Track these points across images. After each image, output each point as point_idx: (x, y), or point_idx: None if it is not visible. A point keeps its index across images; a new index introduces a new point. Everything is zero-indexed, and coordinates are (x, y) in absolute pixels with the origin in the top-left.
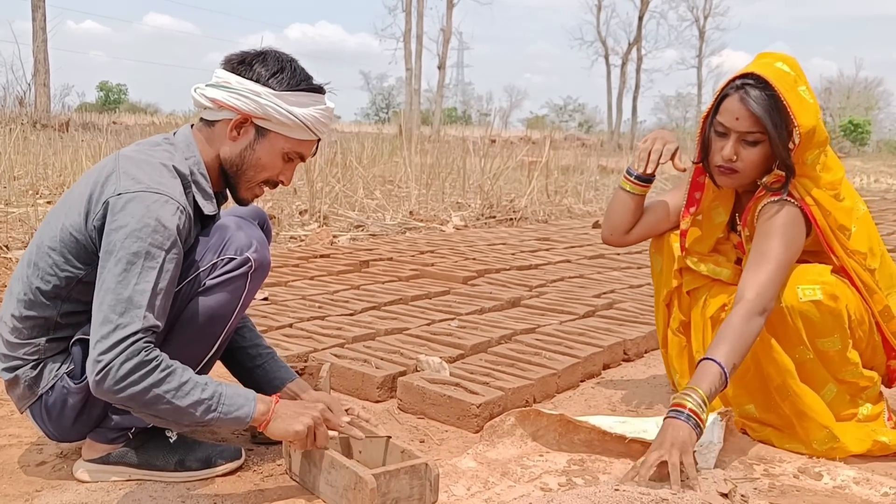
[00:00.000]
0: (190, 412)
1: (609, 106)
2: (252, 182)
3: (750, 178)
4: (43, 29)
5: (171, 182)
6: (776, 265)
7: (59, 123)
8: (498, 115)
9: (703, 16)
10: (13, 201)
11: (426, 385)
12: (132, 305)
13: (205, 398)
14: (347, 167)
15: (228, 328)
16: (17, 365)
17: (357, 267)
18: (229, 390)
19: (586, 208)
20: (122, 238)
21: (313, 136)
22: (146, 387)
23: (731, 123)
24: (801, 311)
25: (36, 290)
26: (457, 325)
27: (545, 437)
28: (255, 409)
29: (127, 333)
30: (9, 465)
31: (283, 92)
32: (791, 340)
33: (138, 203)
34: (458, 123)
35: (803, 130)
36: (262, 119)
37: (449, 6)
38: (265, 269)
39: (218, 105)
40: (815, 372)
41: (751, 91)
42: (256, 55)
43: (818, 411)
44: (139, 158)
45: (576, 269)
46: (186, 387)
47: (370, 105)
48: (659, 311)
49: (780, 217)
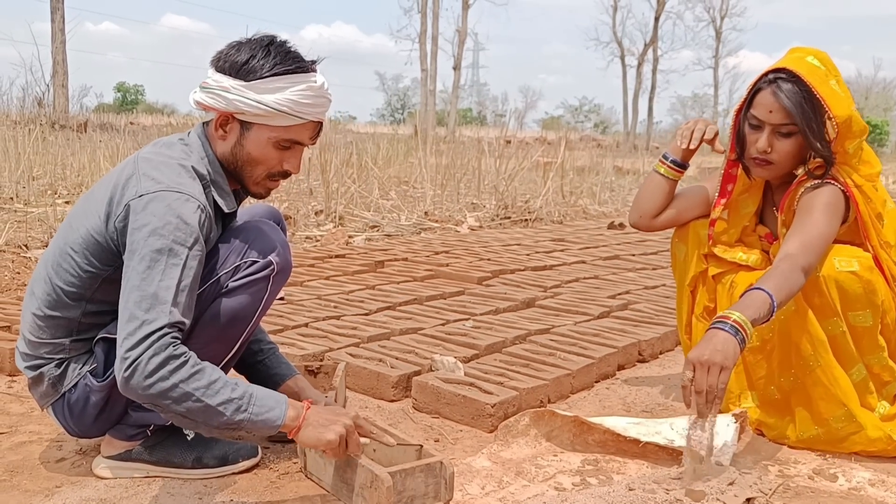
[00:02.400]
0: (220, 410)
1: (625, 107)
2: (254, 177)
3: (785, 168)
4: (62, 30)
5: (190, 182)
6: (818, 234)
7: (77, 124)
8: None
9: (720, 16)
10: (32, 201)
11: (441, 385)
12: (157, 301)
13: (235, 397)
14: (363, 168)
15: (249, 330)
16: (41, 363)
17: (372, 267)
18: (260, 392)
19: (601, 209)
20: (146, 236)
21: (298, 120)
22: (175, 383)
23: (765, 116)
24: (838, 279)
25: (59, 290)
26: (471, 325)
27: (559, 437)
28: (286, 413)
29: (153, 328)
30: (29, 461)
31: (254, 81)
32: (825, 311)
33: (159, 202)
34: (473, 124)
35: (839, 121)
36: (240, 113)
37: (464, 7)
38: (287, 272)
39: (202, 107)
40: (846, 348)
41: (783, 85)
42: (233, 47)
43: (843, 387)
44: (157, 160)
45: (591, 270)
46: (217, 385)
47: (385, 106)
48: (683, 299)
49: (823, 195)
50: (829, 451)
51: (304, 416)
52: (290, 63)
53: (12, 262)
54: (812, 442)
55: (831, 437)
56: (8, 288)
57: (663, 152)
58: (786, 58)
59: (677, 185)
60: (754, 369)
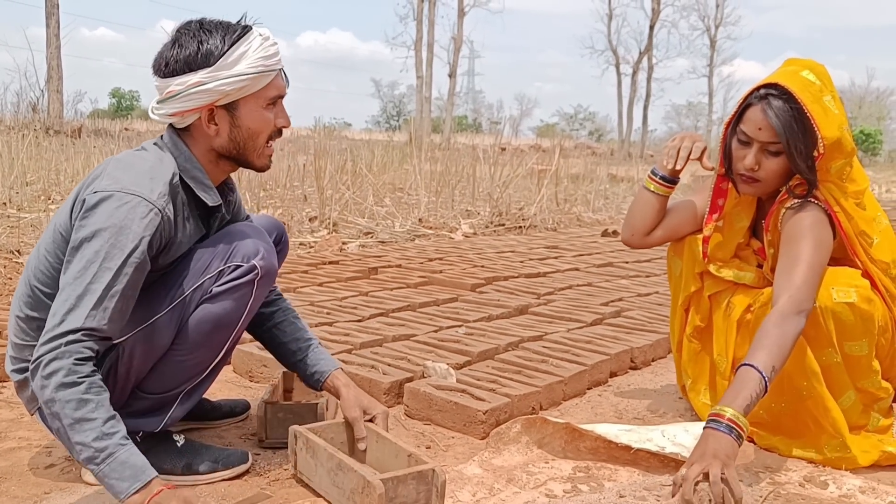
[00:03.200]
0: (75, 448)
1: (619, 114)
2: (258, 147)
3: (772, 186)
4: (57, 36)
5: (152, 185)
6: (808, 266)
7: (71, 129)
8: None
9: (715, 25)
10: (25, 206)
11: (433, 391)
12: (80, 304)
13: (94, 447)
14: (357, 174)
15: (235, 335)
16: (25, 367)
17: (366, 274)
18: (125, 456)
19: (596, 217)
20: (89, 236)
21: (272, 73)
22: (54, 398)
23: (754, 133)
24: (835, 311)
25: (37, 290)
26: (464, 331)
27: (551, 444)
28: (131, 494)
29: (66, 330)
30: (18, 467)
31: (219, 62)
32: (820, 342)
33: (109, 203)
34: (468, 131)
35: (827, 142)
36: (223, 98)
37: (460, 15)
38: (272, 276)
39: (180, 115)
40: (839, 377)
41: (773, 102)
42: (172, 45)
43: (834, 418)
44: (127, 161)
45: (584, 278)
46: (86, 425)
47: (381, 112)
48: (676, 316)
49: (806, 218)
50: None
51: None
52: (234, 30)
53: (4, 267)
54: (805, 455)
55: (827, 461)
56: (2, 291)
57: (652, 167)
58: (780, 71)
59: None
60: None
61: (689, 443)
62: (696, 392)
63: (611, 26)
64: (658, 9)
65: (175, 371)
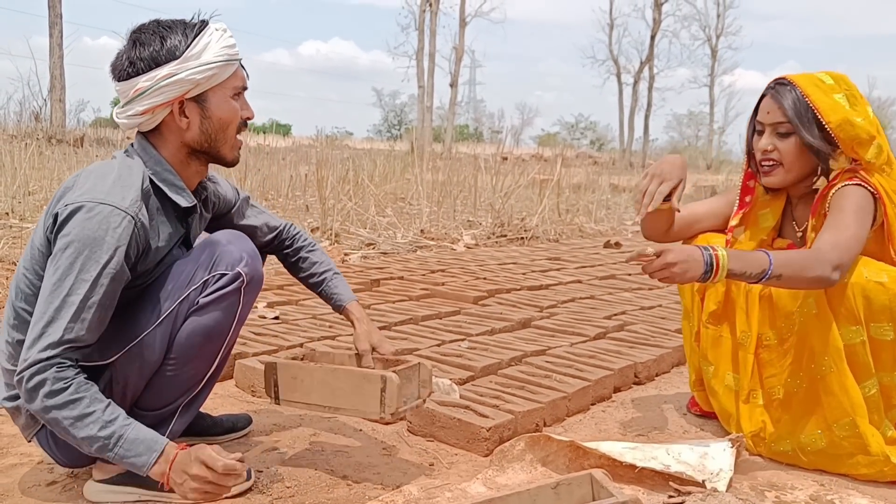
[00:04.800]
0: (84, 446)
1: (621, 124)
2: (228, 140)
3: (793, 172)
4: (59, 45)
5: (123, 192)
6: (851, 234)
7: (73, 139)
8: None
9: (716, 35)
10: (28, 216)
11: (436, 407)
12: (58, 317)
13: (101, 436)
14: (359, 185)
15: (227, 344)
16: (17, 394)
17: (368, 286)
18: (134, 434)
19: (598, 227)
20: (63, 248)
21: (235, 64)
22: (48, 406)
23: (764, 118)
24: (865, 288)
25: (20, 311)
26: (467, 345)
27: (555, 462)
28: (151, 465)
29: (46, 344)
30: (20, 484)
31: (185, 54)
32: (846, 318)
33: (81, 214)
34: (469, 141)
35: (833, 126)
36: (193, 89)
37: (461, 25)
38: (258, 282)
39: (150, 112)
40: (863, 360)
41: (780, 89)
42: (132, 47)
43: (853, 398)
44: (98, 171)
45: (587, 290)
46: (87, 419)
47: (382, 122)
48: (693, 305)
49: (853, 195)
50: (826, 472)
51: (168, 475)
52: (193, 25)
53: (6, 279)
54: (813, 456)
55: (833, 448)
56: (0, 305)
57: None
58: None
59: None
60: (765, 367)
61: (694, 461)
62: (718, 378)
63: (612, 36)
64: (659, 19)
65: (170, 386)
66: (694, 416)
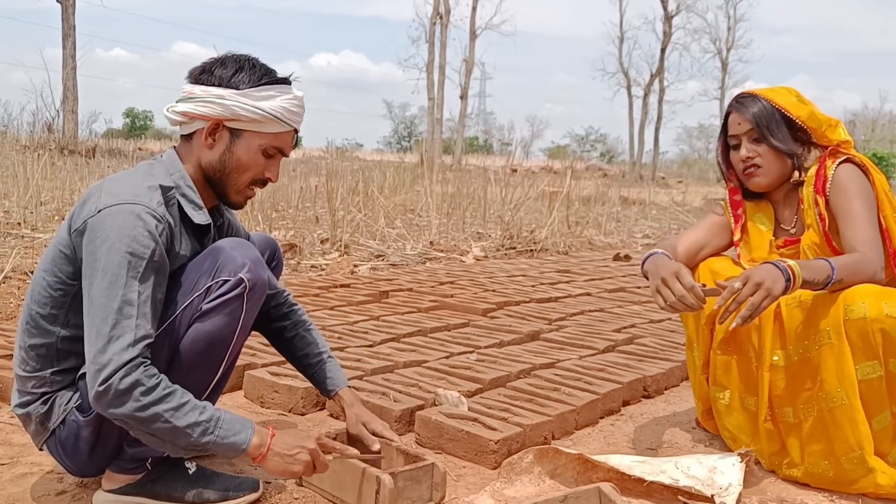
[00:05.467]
0: (187, 433)
1: (631, 136)
2: (238, 184)
3: (774, 171)
4: (72, 56)
5: (149, 193)
6: (869, 223)
7: (86, 149)
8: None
9: (726, 48)
10: (39, 226)
11: (444, 420)
12: (122, 317)
13: (202, 420)
14: (369, 196)
15: (232, 351)
16: (28, 401)
17: (377, 297)
18: (227, 416)
19: (607, 240)
20: (106, 252)
21: (286, 127)
22: (146, 403)
23: (736, 130)
24: (883, 324)
25: (36, 315)
26: (476, 358)
27: (563, 475)
28: (251, 439)
29: (122, 346)
30: (30, 493)
31: (248, 89)
32: (865, 352)
33: (116, 216)
34: (479, 153)
35: (803, 118)
36: (233, 120)
37: (472, 37)
38: (262, 288)
39: (189, 117)
40: (878, 394)
41: (743, 101)
42: (215, 61)
43: (862, 432)
44: (122, 178)
45: (596, 303)
46: (185, 407)
47: (392, 134)
48: (699, 335)
49: (850, 178)
50: (835, 492)
51: (268, 444)
52: (274, 75)
53: (18, 288)
54: (819, 478)
55: (839, 476)
56: (13, 315)
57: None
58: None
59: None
60: (772, 388)
61: (703, 475)
62: (734, 404)
63: (622, 48)
64: (669, 31)
65: None
66: (703, 431)
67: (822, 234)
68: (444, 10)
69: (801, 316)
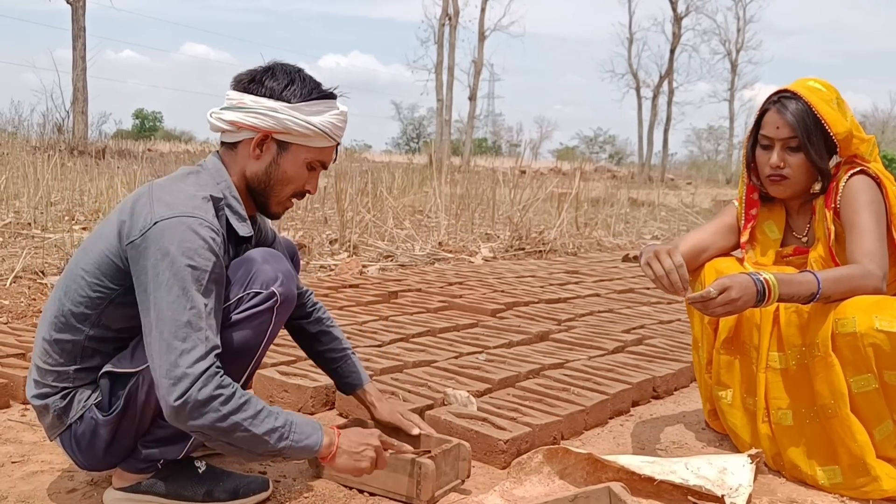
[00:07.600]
0: (265, 439)
1: (640, 138)
2: (281, 196)
3: (799, 184)
4: (83, 58)
5: (204, 206)
6: (876, 234)
7: (95, 150)
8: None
9: (736, 49)
10: (50, 227)
11: (453, 419)
12: (192, 329)
13: (278, 426)
14: (378, 197)
15: (255, 361)
16: (47, 392)
17: (386, 297)
18: (299, 419)
19: (616, 241)
20: (168, 266)
21: (332, 141)
22: (225, 413)
23: (773, 133)
24: (874, 338)
25: (68, 312)
26: (485, 358)
27: (573, 475)
28: (322, 441)
29: (195, 358)
30: (40, 491)
31: (299, 104)
32: (857, 366)
33: (175, 229)
34: (488, 154)
35: (840, 138)
36: (283, 133)
37: (480, 39)
38: (291, 302)
39: (237, 126)
40: (876, 405)
41: (787, 103)
42: (265, 71)
43: (860, 441)
44: (171, 187)
45: (605, 304)
46: (262, 414)
47: (401, 135)
48: (703, 335)
49: (861, 189)
50: (846, 495)
51: (336, 443)
52: (322, 89)
53: (28, 288)
54: (830, 482)
55: (847, 481)
56: (24, 314)
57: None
58: (791, 84)
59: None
60: (770, 388)
61: (713, 475)
62: (735, 404)
63: (631, 50)
64: (679, 33)
65: None
66: (712, 432)
67: (828, 247)
68: (452, 11)
69: (797, 322)
